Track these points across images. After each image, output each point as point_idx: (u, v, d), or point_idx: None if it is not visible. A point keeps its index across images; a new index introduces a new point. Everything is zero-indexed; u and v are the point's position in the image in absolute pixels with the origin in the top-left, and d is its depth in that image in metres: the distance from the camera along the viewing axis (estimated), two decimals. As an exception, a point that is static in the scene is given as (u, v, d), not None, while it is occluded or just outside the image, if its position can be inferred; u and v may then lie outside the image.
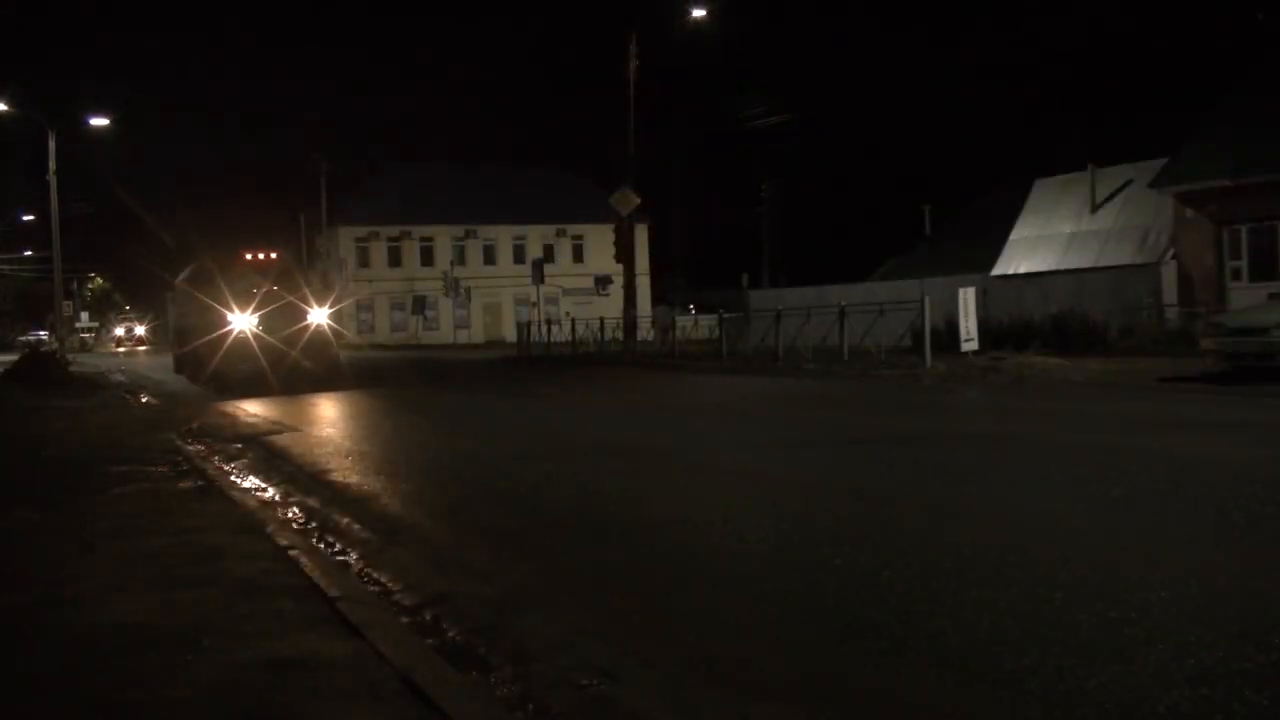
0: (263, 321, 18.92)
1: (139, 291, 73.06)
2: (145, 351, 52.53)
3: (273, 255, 21.50)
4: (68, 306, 52.19)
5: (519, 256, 59.00)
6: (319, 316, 19.64)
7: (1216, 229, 23.62)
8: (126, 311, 79.42)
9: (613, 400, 15.22)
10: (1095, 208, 29.35)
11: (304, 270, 22.85)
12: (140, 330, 69.38)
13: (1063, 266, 28.61)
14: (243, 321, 18.73)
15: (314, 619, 3.93)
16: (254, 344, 18.49)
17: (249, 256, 20.97)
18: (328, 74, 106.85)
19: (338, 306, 22.02)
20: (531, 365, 27.37)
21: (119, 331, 72.02)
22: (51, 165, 34.07)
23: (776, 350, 20.96)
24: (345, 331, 25.58)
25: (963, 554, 4.65)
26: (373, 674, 3.32)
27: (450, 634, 3.94)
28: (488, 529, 5.90)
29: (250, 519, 6.02)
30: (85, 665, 3.44)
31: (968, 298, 17.57)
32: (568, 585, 4.50)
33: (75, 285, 71.11)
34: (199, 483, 7.39)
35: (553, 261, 55.64)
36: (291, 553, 5.04)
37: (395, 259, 58.62)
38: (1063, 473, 6.78)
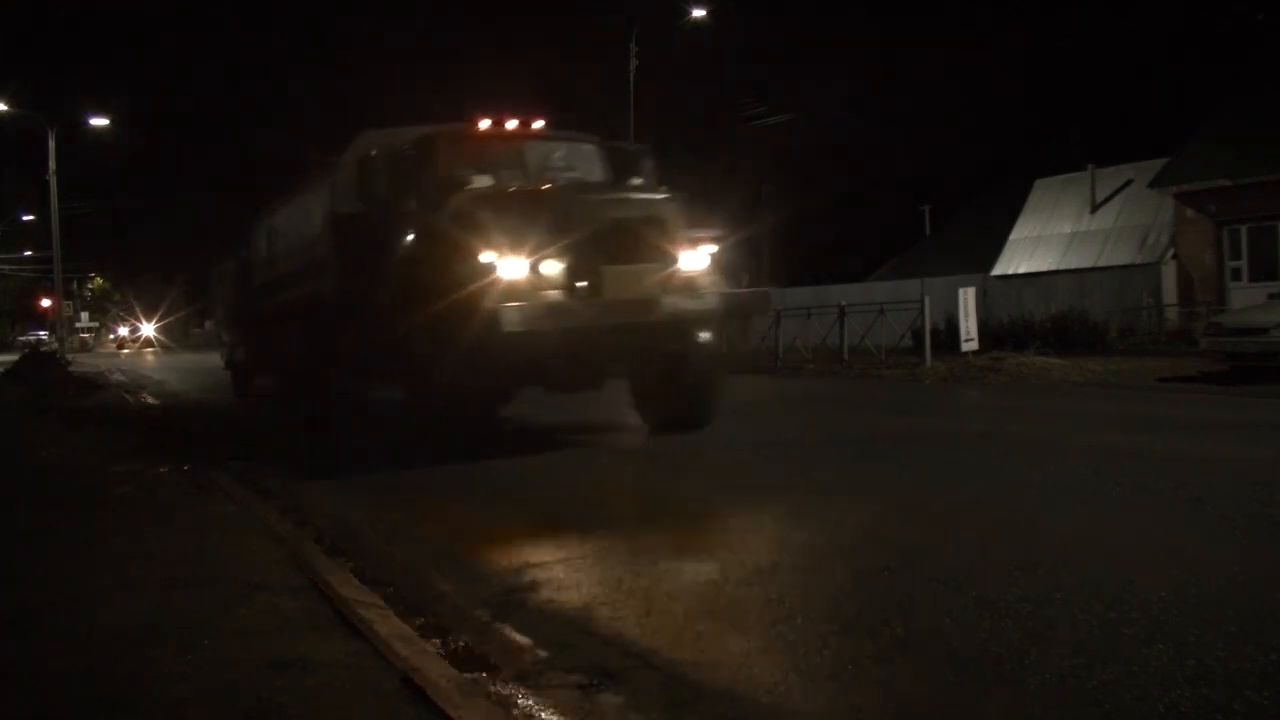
0: (576, 265, 8.16)
1: (144, 291, 71.34)
2: (154, 354, 51.89)
3: (537, 123, 9.97)
4: (68, 306, 52.20)
5: (519, 256, 58.69)
6: (696, 260, 8.79)
7: (1216, 229, 23.63)
8: (129, 309, 77.05)
9: (612, 399, 15.18)
10: (1095, 208, 29.36)
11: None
12: (147, 330, 66.37)
13: (1063, 266, 28.64)
14: (516, 268, 7.88)
15: (314, 619, 3.93)
16: (550, 322, 7.79)
17: (491, 123, 9.70)
18: (326, 73, 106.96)
19: (720, 245, 9.35)
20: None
21: (122, 331, 69.60)
22: (52, 165, 34.13)
23: (777, 350, 20.95)
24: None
25: (963, 554, 4.65)
26: (373, 674, 3.32)
27: (450, 634, 3.94)
28: (484, 531, 5.91)
29: (251, 519, 6.02)
30: (85, 665, 3.44)
31: (968, 298, 17.56)
32: (567, 585, 4.50)
33: (75, 285, 70.45)
34: (200, 482, 7.39)
35: (553, 261, 55.33)
36: (292, 552, 5.04)
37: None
38: (1062, 473, 6.78)
